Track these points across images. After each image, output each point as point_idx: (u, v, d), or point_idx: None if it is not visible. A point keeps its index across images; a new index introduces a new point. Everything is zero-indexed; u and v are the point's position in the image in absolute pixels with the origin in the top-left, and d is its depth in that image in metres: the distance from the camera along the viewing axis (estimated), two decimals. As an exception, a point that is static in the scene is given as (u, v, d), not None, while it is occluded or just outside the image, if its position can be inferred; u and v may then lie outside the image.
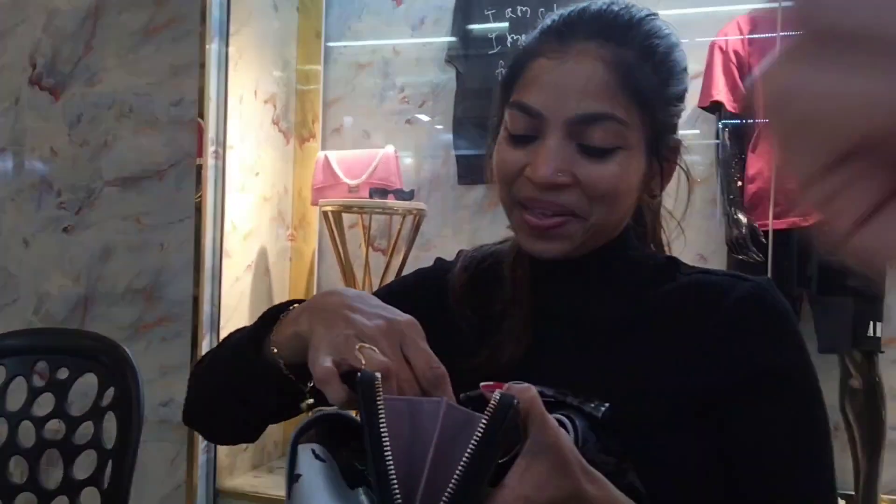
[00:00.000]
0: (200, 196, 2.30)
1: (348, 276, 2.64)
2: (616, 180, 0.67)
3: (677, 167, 0.75)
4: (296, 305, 0.67)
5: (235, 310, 2.51)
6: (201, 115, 2.29)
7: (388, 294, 0.85)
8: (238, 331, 0.76)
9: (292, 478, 0.55)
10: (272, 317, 0.67)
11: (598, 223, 0.69)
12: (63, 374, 1.09)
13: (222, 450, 2.44)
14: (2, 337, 1.12)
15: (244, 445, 2.59)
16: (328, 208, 2.55)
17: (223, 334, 2.41)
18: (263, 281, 2.69)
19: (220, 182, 2.38)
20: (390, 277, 2.61)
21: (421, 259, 2.71)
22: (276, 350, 0.64)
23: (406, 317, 0.61)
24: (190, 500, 2.33)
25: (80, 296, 2.41)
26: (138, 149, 2.35)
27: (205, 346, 2.34)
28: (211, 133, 2.32)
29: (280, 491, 2.21)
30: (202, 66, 2.28)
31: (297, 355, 0.62)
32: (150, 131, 2.34)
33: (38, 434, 1.09)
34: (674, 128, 0.72)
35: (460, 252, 0.85)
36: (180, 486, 2.32)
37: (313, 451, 0.56)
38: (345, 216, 2.63)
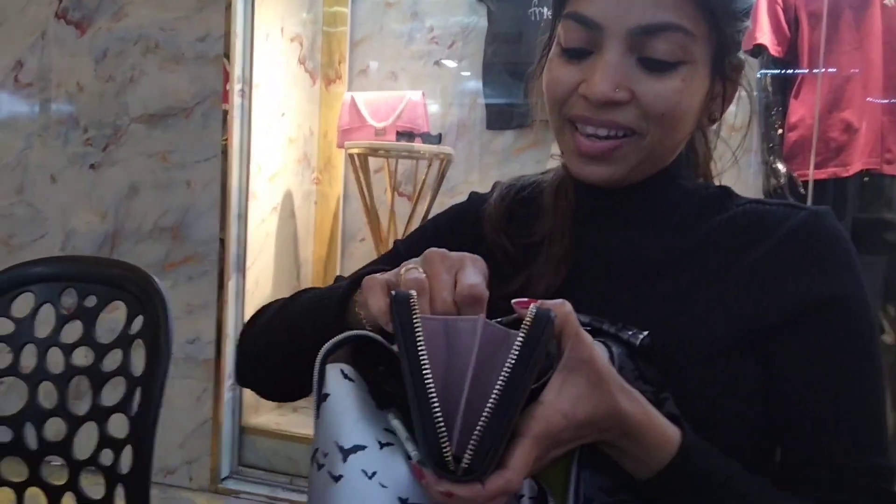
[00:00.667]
0: (227, 137, 2.29)
1: (373, 221, 2.62)
2: (678, 97, 0.63)
3: (739, 89, 0.70)
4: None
5: (261, 251, 2.51)
6: (227, 51, 2.25)
7: (421, 234, 0.83)
8: (304, 292, 0.75)
9: (321, 397, 0.54)
10: (357, 280, 0.64)
11: (655, 146, 0.65)
12: (91, 301, 1.09)
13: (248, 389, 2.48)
14: (30, 264, 1.12)
15: (268, 385, 2.62)
16: (354, 151, 2.52)
17: (249, 275, 2.42)
18: (289, 223, 2.68)
19: (247, 122, 2.36)
20: (415, 224, 2.59)
21: (446, 205, 2.62)
22: (361, 313, 0.62)
23: (475, 256, 0.58)
24: (216, 437, 2.37)
25: (107, 232, 2.42)
26: (164, 85, 2.33)
27: (230, 287, 2.36)
28: (237, 70, 2.29)
29: (303, 429, 2.24)
30: (228, 1, 2.24)
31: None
32: (175, 67, 2.31)
33: (67, 361, 1.09)
34: (738, 45, 0.68)
35: (496, 183, 0.82)
36: (206, 422, 2.37)
37: (342, 371, 0.55)
38: (371, 161, 2.60)
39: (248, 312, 2.46)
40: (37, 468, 1.06)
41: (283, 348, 0.71)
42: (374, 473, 0.50)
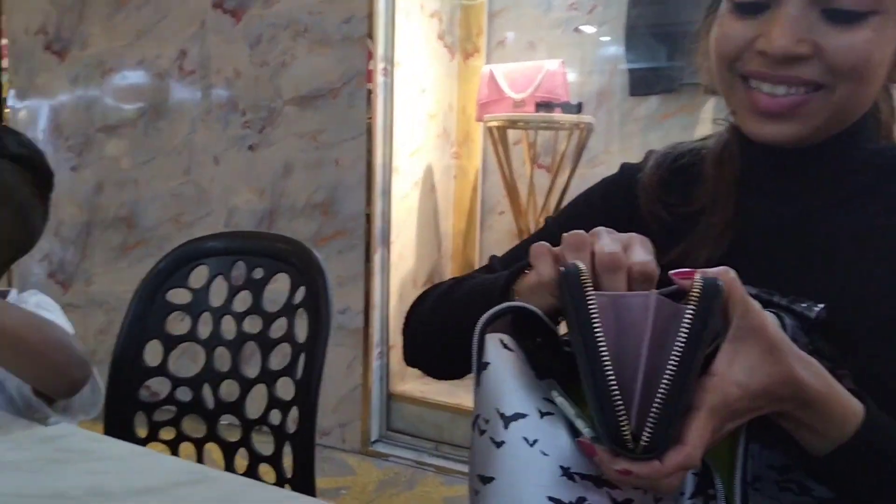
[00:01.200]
0: (371, 115, 2.36)
1: (512, 194, 2.62)
2: (869, 49, 0.58)
3: None
4: None
5: (404, 225, 2.59)
6: (370, 32, 2.32)
7: (573, 210, 0.81)
8: (465, 278, 0.77)
9: (480, 366, 0.55)
10: (520, 267, 0.64)
11: (844, 102, 0.60)
12: (258, 273, 1.16)
13: (394, 357, 2.58)
14: (205, 239, 1.22)
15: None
16: (493, 124, 2.52)
17: (393, 248, 2.51)
18: (430, 198, 2.74)
19: (389, 100, 2.42)
20: (555, 196, 2.56)
21: (587, 177, 2.63)
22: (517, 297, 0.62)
23: (642, 236, 0.57)
24: (365, 402, 2.49)
25: (265, 210, 2.59)
26: (313, 68, 2.44)
27: (377, 259, 2.45)
28: (380, 50, 2.35)
29: (446, 398, 2.29)
30: (370, -19, 2.30)
31: (538, 302, 0.60)
32: (323, 50, 2.41)
33: (239, 328, 1.17)
34: None
35: (650, 152, 0.80)
36: (357, 388, 2.49)
37: (501, 341, 0.55)
38: (510, 133, 2.60)
39: (394, 284, 2.55)
40: (214, 426, 1.16)
41: (449, 331, 0.73)
42: (535, 441, 0.51)
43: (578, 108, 2.45)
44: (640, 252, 0.53)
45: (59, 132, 2.95)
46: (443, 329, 0.75)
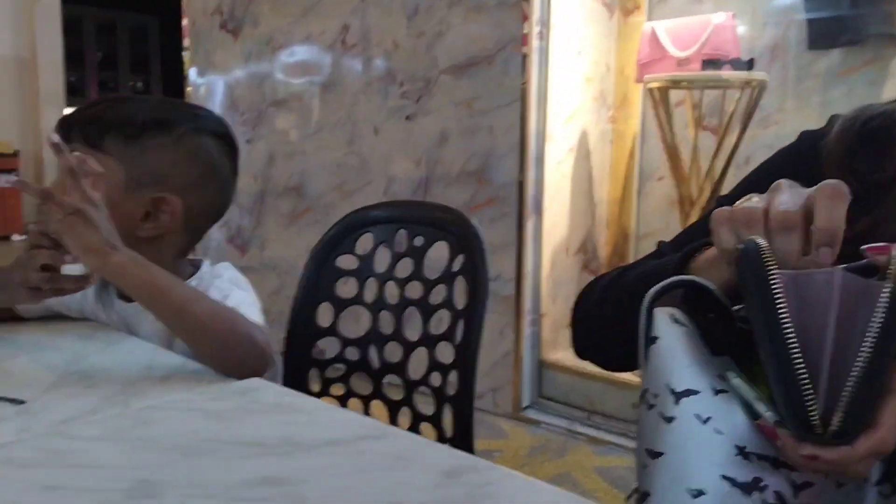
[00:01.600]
0: (526, 80, 2.34)
1: (673, 158, 2.51)
2: None
3: None
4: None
5: (557, 192, 2.56)
6: (526, -5, 2.29)
7: (747, 185, 0.76)
8: (632, 266, 0.75)
9: (648, 340, 0.54)
10: (690, 251, 0.62)
11: None
12: (419, 241, 1.20)
13: (546, 325, 2.58)
14: (370, 208, 1.28)
15: (567, 323, 2.71)
16: (654, 84, 2.42)
17: (546, 216, 2.49)
18: (584, 164, 2.69)
19: (544, 64, 2.39)
20: (721, 160, 2.42)
21: (758, 138, 2.47)
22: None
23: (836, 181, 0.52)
24: (517, 368, 2.52)
25: (421, 178, 2.66)
26: (468, 35, 2.45)
27: (529, 227, 2.45)
28: (535, 13, 2.31)
29: (598, 368, 2.24)
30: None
31: (713, 276, 0.57)
32: (477, 17, 2.42)
33: (401, 293, 1.22)
34: None
35: (833, 117, 0.73)
36: (508, 355, 2.52)
37: (672, 316, 0.54)
38: (672, 94, 2.48)
39: (546, 252, 2.54)
40: (379, 384, 1.22)
41: (621, 320, 0.71)
42: (708, 419, 0.50)
43: (749, 65, 2.28)
44: (824, 211, 0.49)
45: (234, 107, 3.18)
46: (614, 318, 0.73)
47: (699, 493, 0.49)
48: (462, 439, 1.10)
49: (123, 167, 0.86)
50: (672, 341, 0.53)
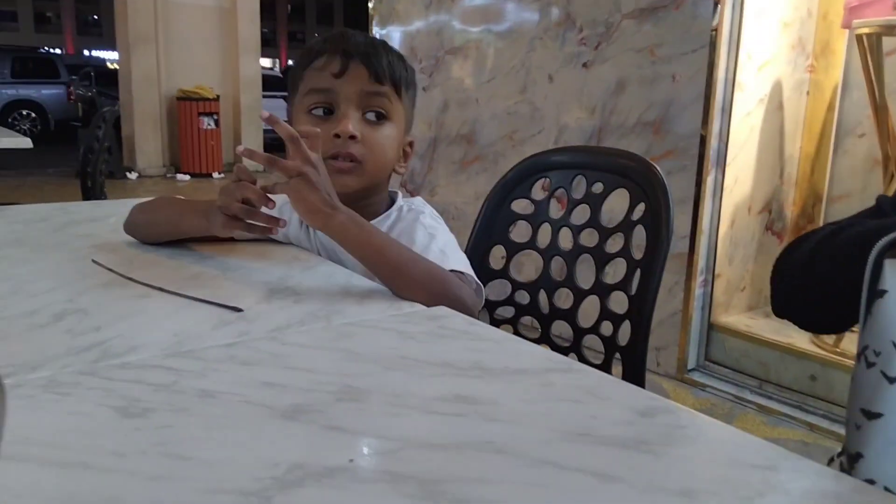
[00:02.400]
0: (717, 25, 2.19)
1: (881, 112, 2.25)
2: None
3: None
4: None
5: (743, 146, 2.39)
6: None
7: None
8: (852, 222, 0.70)
9: (875, 293, 0.50)
10: None
11: None
12: (598, 188, 1.18)
13: (719, 286, 2.46)
14: (549, 153, 1.27)
15: (743, 285, 2.56)
16: (864, 30, 2.17)
17: (728, 171, 2.34)
18: (776, 116, 2.49)
19: (738, 7, 2.21)
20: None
21: None
22: None
23: None
24: (684, 329, 2.43)
25: (594, 128, 2.59)
26: (656, -23, 2.32)
27: (709, 182, 2.32)
28: (733, -49, 2.14)
29: (774, 335, 2.10)
30: None
31: None
32: (668, -43, 2.28)
33: (576, 240, 1.21)
34: None
35: None
36: (676, 314, 2.43)
37: None
38: (885, 41, 2.21)
39: (726, 209, 2.39)
40: (547, 329, 1.23)
41: (834, 279, 0.67)
42: (938, 382, 0.45)
43: None
44: None
45: (413, 55, 3.25)
46: (826, 276, 0.68)
47: None
48: (633, 390, 1.09)
49: (406, 112, 0.99)
50: None
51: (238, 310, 0.69)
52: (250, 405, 0.49)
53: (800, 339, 2.31)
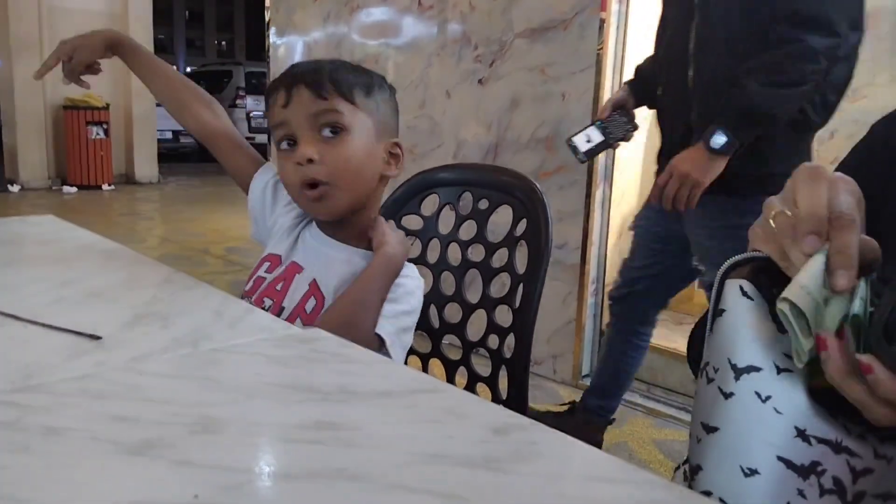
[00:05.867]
0: (602, 45, 2.28)
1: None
2: None
3: None
4: None
5: (629, 162, 2.50)
6: (606, -43, 2.22)
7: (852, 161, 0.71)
8: None
9: (716, 312, 0.53)
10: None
11: None
12: (483, 204, 1.20)
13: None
14: (436, 170, 1.29)
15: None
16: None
17: (615, 186, 2.45)
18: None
19: (622, 29, 2.32)
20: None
21: (846, 111, 2.34)
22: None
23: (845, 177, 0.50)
24: (578, 337, 2.51)
25: (491, 143, 2.64)
26: (545, -2, 2.40)
27: (598, 196, 2.41)
28: (616, -24, 2.25)
29: (662, 341, 2.19)
30: None
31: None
32: (556, -21, 2.36)
33: (464, 255, 1.23)
34: None
35: None
36: (570, 322, 2.51)
37: (741, 288, 0.53)
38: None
39: (614, 222, 2.50)
40: (438, 344, 1.24)
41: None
42: (768, 397, 0.48)
43: None
44: (804, 195, 0.48)
45: (310, 67, 3.22)
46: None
47: (752, 472, 0.48)
48: (516, 401, 1.11)
49: (370, 118, 0.98)
50: (738, 315, 0.52)
51: (97, 337, 0.66)
52: (97, 441, 0.47)
53: (684, 344, 2.43)
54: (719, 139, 1.54)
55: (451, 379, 1.21)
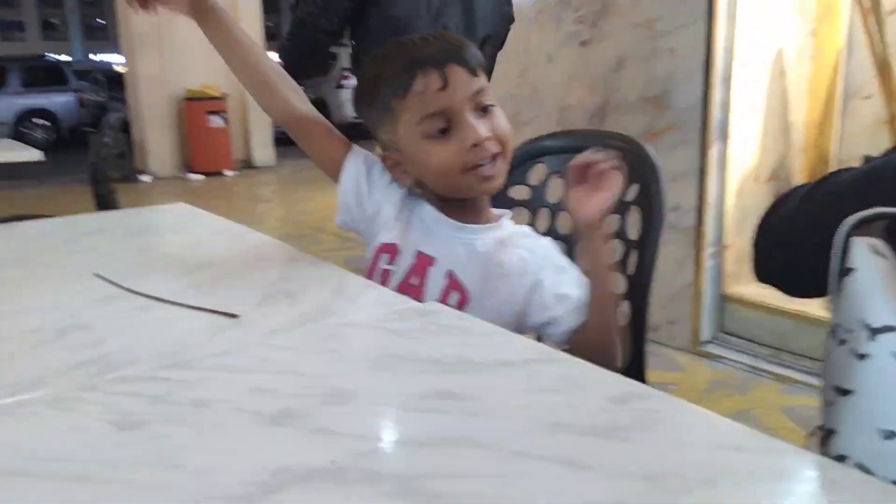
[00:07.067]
0: (712, -7, 2.17)
1: (884, 74, 2.23)
2: None
3: None
4: None
5: (746, 115, 2.37)
6: None
7: None
8: (832, 176, 0.69)
9: (843, 271, 0.51)
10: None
11: None
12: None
13: (729, 257, 2.45)
14: (543, 138, 1.28)
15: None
16: (864, -9, 2.14)
17: (733, 141, 2.33)
18: (778, 84, 2.46)
19: (734, -25, 2.19)
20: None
21: None
22: None
23: None
24: (696, 302, 2.43)
25: (596, 106, 2.58)
26: (648, -50, 2.30)
27: (713, 154, 2.31)
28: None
29: (787, 304, 2.09)
30: None
31: None
32: (660, -71, 2.26)
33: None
34: None
35: None
36: (687, 287, 2.44)
37: (872, 246, 0.50)
38: (884, 1, 2.18)
39: (732, 180, 2.38)
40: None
41: (813, 238, 0.65)
42: (905, 357, 0.46)
43: None
44: None
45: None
46: (805, 236, 0.67)
47: (891, 435, 0.46)
48: (633, 370, 1.10)
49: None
50: (871, 274, 0.50)
51: (233, 316, 0.71)
52: (241, 412, 0.51)
53: (814, 306, 2.30)
54: None
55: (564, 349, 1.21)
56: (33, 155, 3.15)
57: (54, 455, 0.47)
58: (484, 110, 0.91)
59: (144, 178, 7.32)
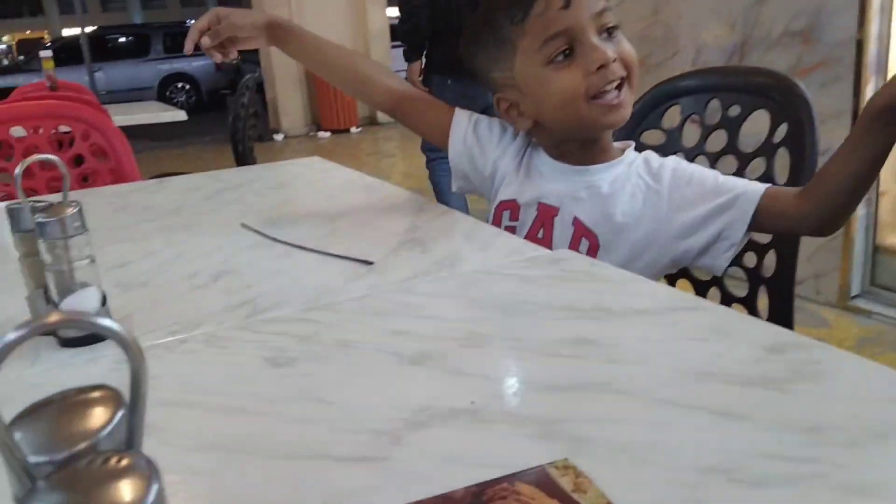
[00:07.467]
0: None
1: None
2: None
3: None
4: None
5: (910, 47, 2.14)
6: None
7: None
8: None
9: None
10: None
11: None
12: (734, 111, 1.11)
13: (885, 205, 2.25)
14: (678, 78, 1.20)
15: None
16: None
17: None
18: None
19: None
20: None
21: None
22: None
23: None
24: (846, 253, 2.26)
25: (735, 44, 2.41)
26: None
27: (869, 92, 2.10)
28: None
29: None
30: None
31: None
32: None
33: (713, 168, 1.15)
34: None
35: None
36: (836, 238, 2.26)
37: None
38: None
39: (891, 120, 2.17)
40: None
41: None
42: None
43: None
44: None
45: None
46: None
47: None
48: (780, 324, 1.03)
49: None
50: None
51: (369, 263, 0.73)
52: (382, 353, 0.53)
53: None
54: None
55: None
56: (178, 115, 3.37)
57: (212, 389, 0.50)
58: (608, 32, 0.86)
59: (278, 136, 7.66)
